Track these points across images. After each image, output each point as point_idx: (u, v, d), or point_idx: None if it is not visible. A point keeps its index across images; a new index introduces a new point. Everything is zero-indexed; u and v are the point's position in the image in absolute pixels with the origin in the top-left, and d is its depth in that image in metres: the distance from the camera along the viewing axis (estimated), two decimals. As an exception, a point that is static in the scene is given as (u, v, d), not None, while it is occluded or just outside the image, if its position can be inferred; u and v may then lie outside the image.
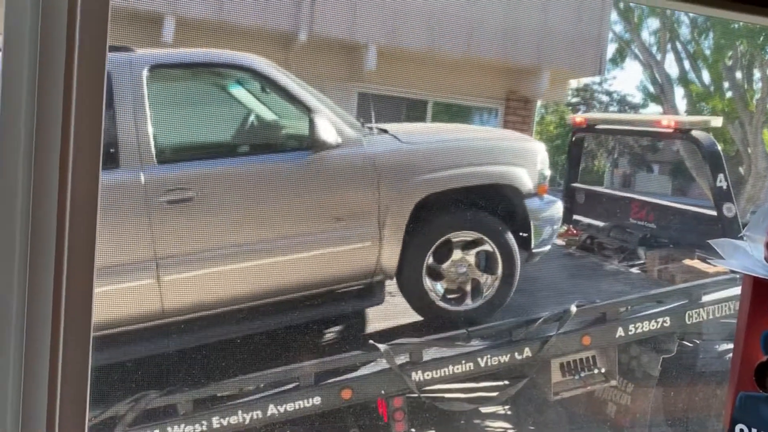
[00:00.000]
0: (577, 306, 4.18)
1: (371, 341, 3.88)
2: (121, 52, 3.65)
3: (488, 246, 4.19)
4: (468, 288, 4.21)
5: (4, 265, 0.93)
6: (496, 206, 4.29)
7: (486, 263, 4.23)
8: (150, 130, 3.58)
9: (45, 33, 0.89)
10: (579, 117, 7.15)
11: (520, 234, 4.34)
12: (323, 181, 3.89)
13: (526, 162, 4.41)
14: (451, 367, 3.93)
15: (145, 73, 3.62)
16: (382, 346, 3.80)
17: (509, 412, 4.65)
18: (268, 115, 4.39)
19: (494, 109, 8.26)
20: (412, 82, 7.37)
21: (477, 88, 7.78)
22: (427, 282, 4.10)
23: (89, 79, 0.91)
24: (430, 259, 4.10)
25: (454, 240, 4.16)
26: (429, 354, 3.94)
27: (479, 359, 3.98)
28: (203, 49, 4.14)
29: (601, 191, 7.32)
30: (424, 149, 4.23)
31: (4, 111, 0.93)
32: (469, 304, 4.22)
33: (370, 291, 4.06)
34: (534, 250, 4.41)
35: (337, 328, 4.37)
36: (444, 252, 4.14)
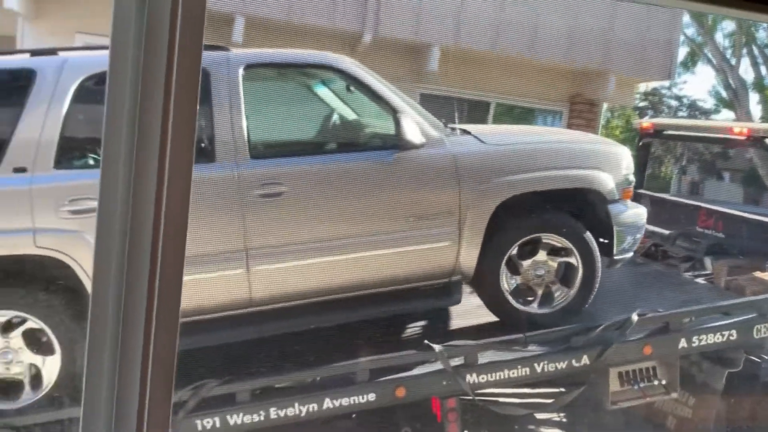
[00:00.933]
0: (639, 314, 4.08)
1: (426, 341, 3.89)
2: (219, 51, 3.77)
3: (568, 249, 4.14)
4: (545, 291, 4.17)
5: (104, 255, 1.01)
6: (578, 211, 4.21)
7: (566, 267, 4.18)
8: (245, 126, 3.69)
9: (149, 36, 0.97)
10: (646, 122, 6.98)
11: (602, 240, 4.26)
12: (406, 180, 3.92)
13: (611, 166, 4.31)
14: (506, 371, 3.90)
15: (240, 71, 3.73)
16: (437, 347, 3.81)
17: (564, 420, 4.59)
18: (355, 115, 4.46)
19: (558, 112, 8.15)
20: (474, 83, 7.35)
21: (541, 91, 7.69)
22: (504, 283, 4.08)
23: (186, 80, 0.98)
24: (508, 260, 4.07)
25: (534, 242, 4.11)
26: (485, 357, 3.92)
27: (536, 365, 3.94)
28: (294, 49, 4.25)
29: (667, 198, 7.11)
30: (508, 151, 4.18)
31: (108, 108, 1.00)
32: (544, 307, 4.18)
33: (448, 290, 4.05)
34: (616, 257, 4.32)
35: (412, 325, 4.37)
36: (523, 254, 4.11)
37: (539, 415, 4.49)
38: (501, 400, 4.19)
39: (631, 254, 4.49)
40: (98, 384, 1.03)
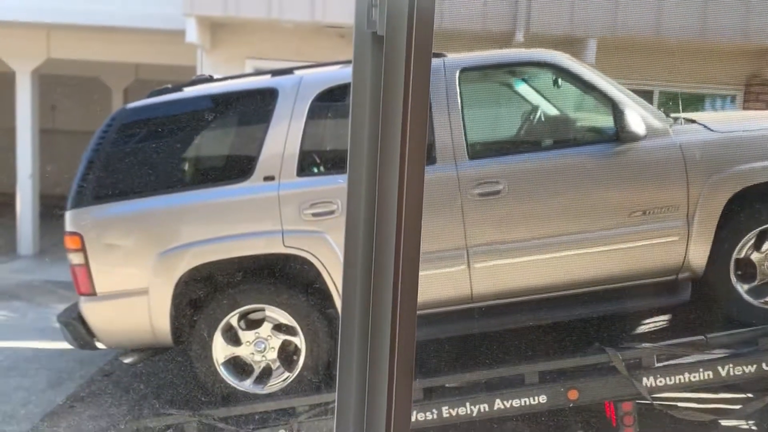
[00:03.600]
0: (844, 314, 3.71)
1: (599, 344, 3.81)
2: (436, 58, 3.93)
3: None
4: None
5: (352, 253, 1.17)
6: None
7: None
8: (462, 128, 3.85)
9: (388, 57, 1.12)
10: None
11: None
12: (629, 173, 3.85)
13: None
14: (687, 375, 3.72)
15: (457, 75, 3.90)
16: (609, 350, 3.72)
17: (754, 428, 4.26)
18: (572, 109, 4.47)
19: (731, 96, 7.55)
20: (635, 72, 7.01)
21: (711, 74, 7.17)
22: (735, 277, 3.87)
23: (419, 93, 1.11)
24: (740, 253, 3.86)
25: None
26: (663, 359, 3.76)
27: (719, 368, 3.72)
28: (507, 50, 4.36)
29: None
30: (740, 138, 3.98)
31: (353, 122, 1.16)
32: None
33: (675, 288, 3.92)
34: None
35: (637, 323, 4.28)
36: (759, 245, 3.87)
37: (725, 422, 4.22)
38: (681, 404, 4.00)
39: None
40: (350, 370, 1.19)
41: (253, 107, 4.16)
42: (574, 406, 3.81)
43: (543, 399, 3.72)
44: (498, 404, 3.72)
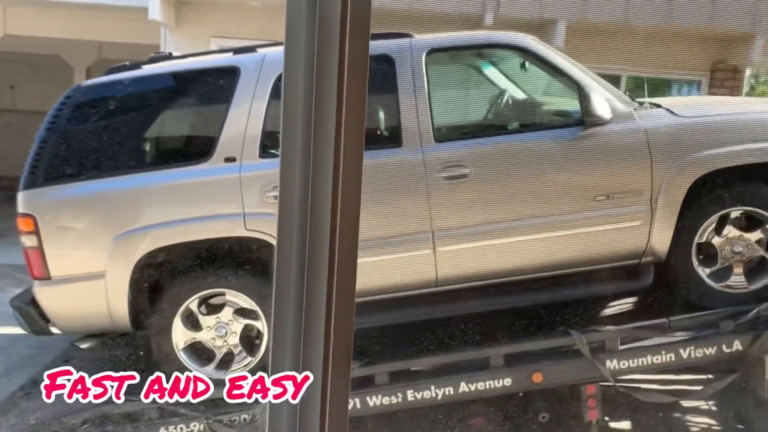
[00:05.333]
0: (802, 300, 3.77)
1: (563, 327, 3.82)
2: (402, 38, 3.87)
3: None
4: (745, 269, 3.90)
5: (286, 237, 1.11)
6: None
7: None
8: (429, 110, 3.80)
9: (321, 33, 1.04)
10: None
11: None
12: (594, 157, 3.85)
13: None
14: (649, 357, 3.76)
15: (423, 57, 3.83)
16: (574, 333, 3.74)
17: (714, 408, 4.34)
18: (539, 93, 4.44)
19: (696, 81, 7.63)
20: (603, 56, 7.02)
21: (677, 60, 7.22)
22: (696, 260, 3.88)
23: (356, 74, 1.05)
24: (702, 237, 3.87)
25: (733, 218, 3.89)
26: (626, 342, 3.79)
27: (681, 350, 3.77)
28: (473, 31, 4.29)
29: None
30: (705, 123, 4.00)
31: (285, 102, 1.09)
32: (744, 286, 3.91)
33: (637, 272, 3.94)
34: None
35: (600, 306, 4.27)
36: (720, 230, 3.88)
37: (686, 403, 4.29)
38: (644, 386, 4.05)
39: None
40: (283, 357, 1.14)
41: (214, 86, 4.05)
42: (539, 389, 3.84)
43: (508, 382, 3.74)
44: (463, 387, 3.73)
